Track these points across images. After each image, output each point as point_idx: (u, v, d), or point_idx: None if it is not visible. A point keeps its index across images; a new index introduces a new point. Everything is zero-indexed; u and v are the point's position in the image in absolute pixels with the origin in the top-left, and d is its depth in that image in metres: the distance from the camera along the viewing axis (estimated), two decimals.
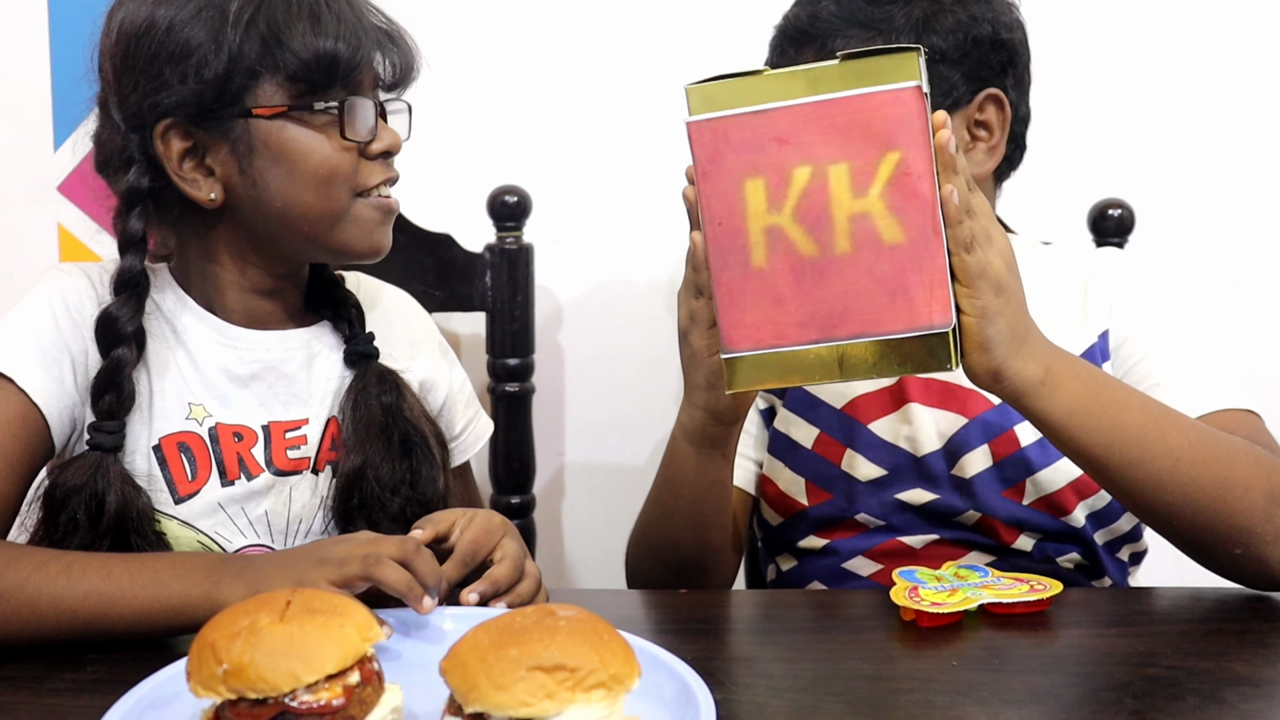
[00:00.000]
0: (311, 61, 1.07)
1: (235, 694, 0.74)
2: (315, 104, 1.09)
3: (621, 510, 1.81)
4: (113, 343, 1.10)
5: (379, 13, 1.15)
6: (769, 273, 0.95)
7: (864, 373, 0.95)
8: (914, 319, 0.93)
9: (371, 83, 1.13)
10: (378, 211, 1.13)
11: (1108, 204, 1.57)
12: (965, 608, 1.01)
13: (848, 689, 0.92)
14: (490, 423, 1.36)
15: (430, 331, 1.32)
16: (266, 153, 1.09)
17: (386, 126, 1.14)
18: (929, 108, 0.92)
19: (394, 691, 0.80)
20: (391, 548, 0.96)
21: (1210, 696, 0.89)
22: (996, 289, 0.96)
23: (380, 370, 1.19)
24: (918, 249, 0.92)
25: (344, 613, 0.78)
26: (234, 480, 1.14)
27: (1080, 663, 0.95)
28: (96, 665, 0.95)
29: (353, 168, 1.11)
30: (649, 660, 0.82)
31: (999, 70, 1.26)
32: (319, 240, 1.13)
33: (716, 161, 0.96)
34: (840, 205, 0.93)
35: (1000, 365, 0.98)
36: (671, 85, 1.74)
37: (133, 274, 1.11)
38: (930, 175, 0.92)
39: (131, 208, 1.12)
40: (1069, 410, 1.02)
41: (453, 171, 1.74)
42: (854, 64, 0.93)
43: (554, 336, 1.80)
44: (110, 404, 1.09)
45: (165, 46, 1.07)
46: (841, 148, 0.93)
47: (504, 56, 1.77)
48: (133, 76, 1.09)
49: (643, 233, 1.78)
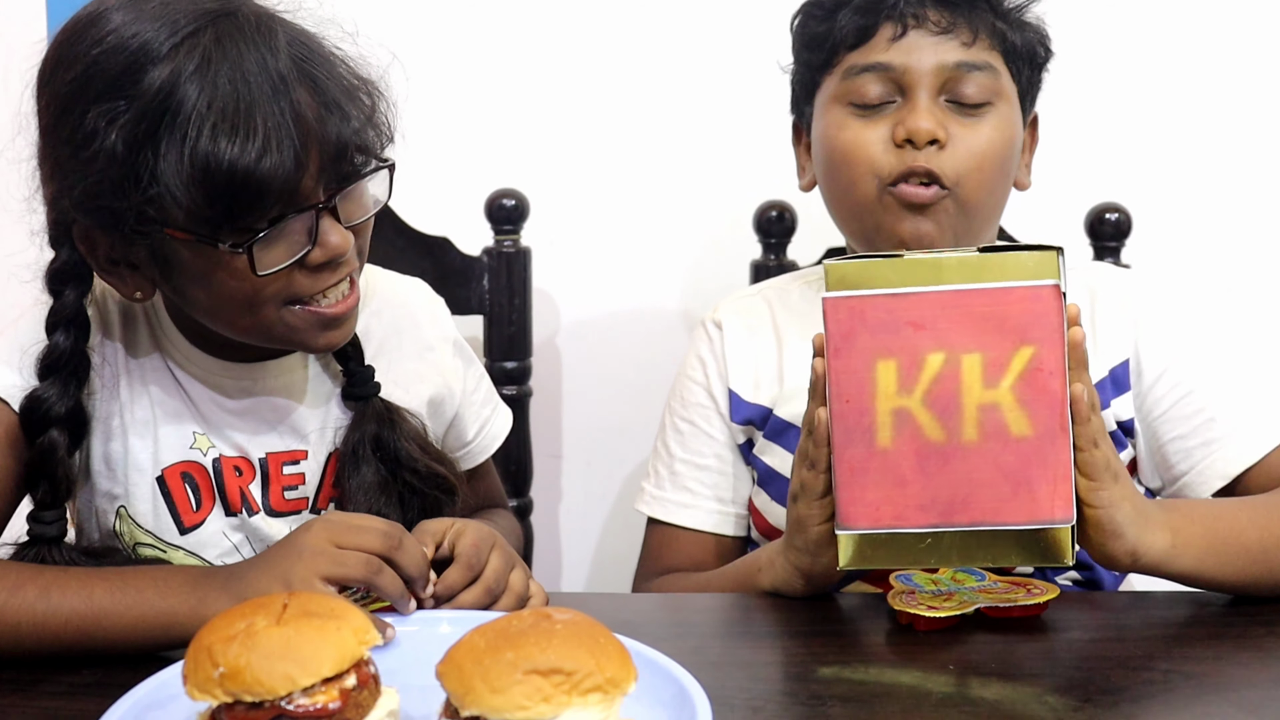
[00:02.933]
0: (202, 200, 0.93)
1: (231, 697, 0.74)
2: (219, 243, 0.96)
3: (619, 513, 1.82)
4: (41, 427, 1.02)
5: (333, 77, 1.01)
6: (893, 454, 0.96)
7: (979, 561, 0.97)
8: (1035, 512, 0.94)
9: (315, 176, 0.98)
10: (313, 318, 1.03)
11: (1105, 208, 1.57)
12: (962, 611, 1.01)
13: (845, 692, 0.92)
14: (509, 415, 1.33)
15: (444, 331, 1.25)
16: (185, 271, 1.00)
17: (331, 230, 1.00)
18: (1065, 307, 0.93)
19: (390, 695, 0.80)
20: (375, 540, 0.95)
21: (1205, 701, 0.89)
22: (1115, 477, 0.97)
23: (380, 411, 1.14)
24: (1044, 444, 0.93)
25: (340, 616, 0.78)
26: (237, 512, 1.12)
27: (1076, 666, 0.95)
28: (92, 669, 0.95)
29: (281, 286, 1.00)
30: (645, 663, 0.82)
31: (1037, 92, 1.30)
32: (255, 342, 1.07)
33: (850, 340, 0.96)
34: (971, 394, 0.94)
35: (1135, 546, 0.99)
36: (670, 88, 1.76)
37: (57, 353, 1.03)
38: (1062, 373, 0.93)
39: (62, 286, 1.04)
40: (1201, 559, 1.03)
41: (450, 175, 1.74)
42: (995, 257, 0.95)
43: (551, 340, 1.80)
44: (45, 496, 1.03)
45: (71, 136, 0.96)
46: (976, 338, 0.94)
47: (502, 60, 1.77)
48: (49, 158, 1.00)
49: (640, 236, 1.79)
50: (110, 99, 0.95)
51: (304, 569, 0.93)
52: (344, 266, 1.03)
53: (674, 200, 1.78)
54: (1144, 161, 1.73)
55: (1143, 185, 1.70)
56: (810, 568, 1.06)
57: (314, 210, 0.99)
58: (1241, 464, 1.16)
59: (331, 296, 1.04)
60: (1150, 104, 1.73)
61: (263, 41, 0.97)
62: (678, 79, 1.76)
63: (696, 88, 1.76)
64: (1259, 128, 1.73)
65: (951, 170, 1.20)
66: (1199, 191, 1.74)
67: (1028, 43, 1.26)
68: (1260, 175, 1.73)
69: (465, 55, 1.76)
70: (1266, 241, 1.75)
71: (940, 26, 1.22)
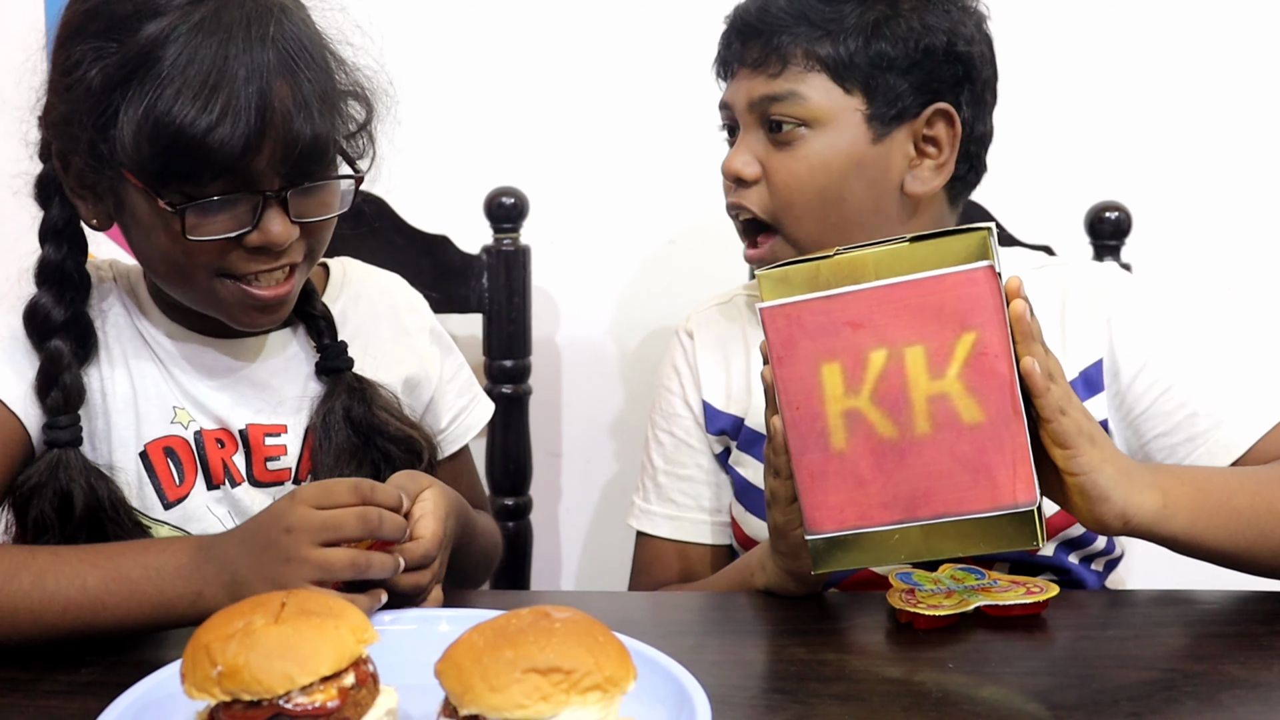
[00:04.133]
0: (148, 154, 0.98)
1: (230, 696, 0.74)
2: (158, 199, 1.00)
3: (618, 511, 1.81)
4: (44, 335, 1.08)
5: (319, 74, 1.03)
6: (850, 455, 0.95)
7: (949, 551, 0.96)
8: (997, 498, 0.93)
9: (269, 164, 1.01)
10: (243, 296, 1.06)
11: (1105, 206, 1.57)
12: (961, 610, 1.01)
13: (844, 691, 0.92)
14: (489, 406, 1.34)
15: (421, 319, 1.29)
16: (131, 214, 1.05)
17: (275, 219, 1.02)
18: (1003, 287, 0.92)
19: (389, 693, 0.80)
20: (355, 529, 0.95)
21: (1206, 699, 0.89)
22: (1091, 440, 0.96)
23: (351, 383, 1.17)
24: (998, 428, 0.93)
25: (339, 614, 0.78)
26: (219, 484, 1.14)
27: (1076, 665, 0.95)
28: (91, 667, 0.95)
29: (213, 254, 1.03)
30: (644, 662, 0.82)
31: (952, 84, 1.21)
32: (188, 303, 1.11)
33: (791, 346, 0.96)
34: (918, 387, 0.93)
35: (1124, 508, 0.98)
36: (669, 87, 1.75)
37: (50, 263, 1.09)
38: (1008, 354, 0.92)
39: (48, 198, 1.10)
40: (1193, 520, 1.02)
41: (449, 173, 1.74)
42: (924, 245, 0.93)
43: (550, 338, 1.80)
44: (56, 401, 1.07)
45: (64, 63, 1.02)
46: (917, 330, 0.93)
47: (501, 58, 1.77)
48: (48, 78, 1.06)
49: (639, 234, 1.79)
50: (105, 38, 1.00)
51: (292, 575, 0.93)
52: (284, 256, 1.06)
53: (673, 199, 1.78)
54: (1144, 160, 1.73)
55: (1143, 184, 1.70)
56: (798, 570, 1.07)
57: (262, 196, 1.02)
58: (1228, 458, 1.14)
59: (264, 281, 1.06)
60: (1150, 102, 1.73)
61: (256, 27, 1.00)
62: (677, 77, 1.75)
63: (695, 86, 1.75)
64: (1258, 126, 1.73)
65: (761, 206, 1.22)
66: (1199, 190, 1.74)
67: (872, 51, 1.18)
68: (1260, 173, 1.73)
69: (464, 53, 1.76)
70: (1266, 239, 1.75)
71: (752, 59, 1.22)
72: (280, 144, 1.00)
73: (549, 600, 1.06)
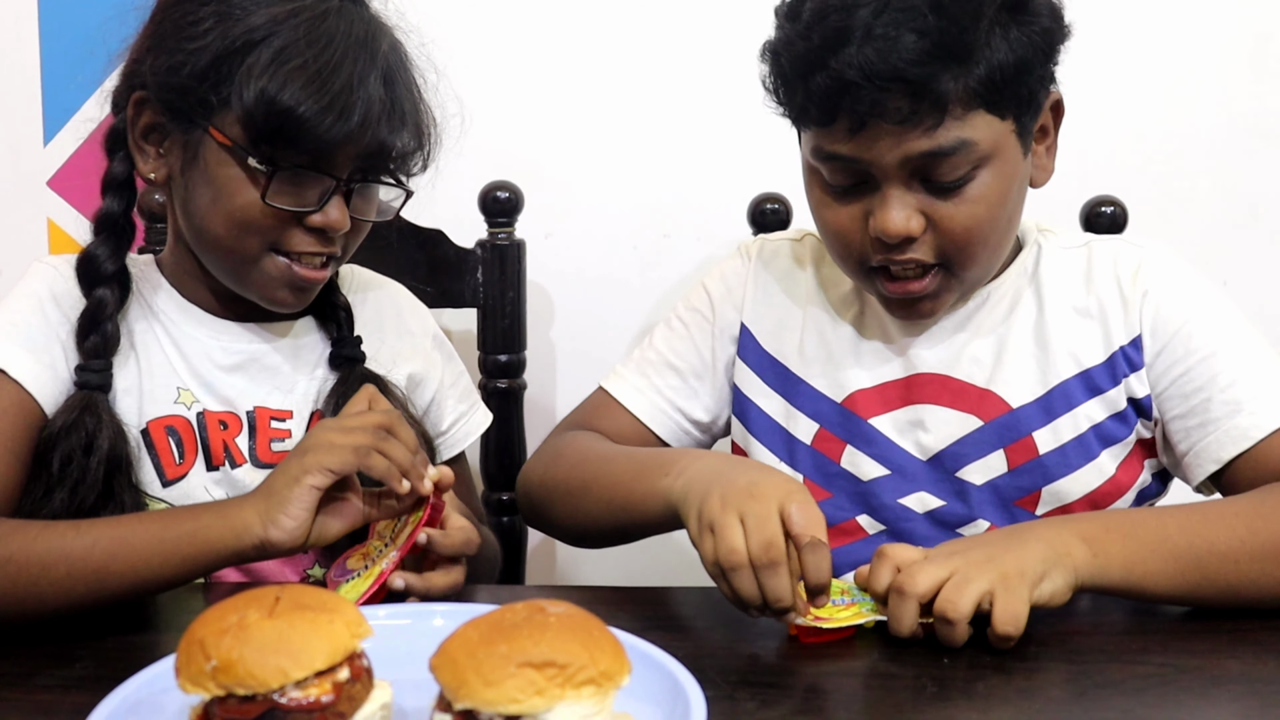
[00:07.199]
0: (260, 117, 1.06)
1: (224, 690, 0.74)
2: (249, 159, 1.08)
3: None
4: (93, 282, 1.13)
5: (409, 94, 1.14)
6: None
7: None
8: None
9: (350, 158, 1.11)
10: (287, 272, 1.13)
11: (1100, 201, 1.57)
12: (856, 622, 0.98)
13: (839, 686, 0.92)
14: (488, 416, 1.37)
15: (424, 324, 1.33)
16: (204, 171, 1.10)
17: (337, 206, 1.12)
18: None
19: (383, 688, 0.80)
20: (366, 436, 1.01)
21: (1201, 694, 0.90)
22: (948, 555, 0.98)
23: (364, 375, 1.20)
24: None
25: (333, 609, 0.78)
26: (219, 465, 1.16)
27: (1071, 660, 0.95)
28: (85, 662, 0.95)
29: (274, 225, 1.11)
30: (640, 657, 0.82)
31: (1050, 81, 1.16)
32: (224, 274, 1.15)
33: None
34: None
35: (1053, 592, 0.98)
36: (664, 81, 1.75)
37: (111, 214, 1.14)
38: None
39: (115, 150, 1.15)
40: (1128, 567, 1.01)
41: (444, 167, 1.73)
42: None
43: (545, 332, 1.80)
44: (95, 344, 1.12)
45: (181, 19, 1.09)
46: None
47: (495, 51, 1.76)
48: (148, 32, 1.12)
49: (635, 228, 1.78)
50: (235, 5, 1.08)
51: (312, 462, 0.99)
52: (331, 244, 1.13)
53: (668, 192, 1.78)
54: (1139, 154, 1.73)
55: (1138, 178, 1.70)
56: None
57: (336, 182, 1.10)
58: (1235, 448, 1.14)
59: (308, 262, 1.13)
60: (1146, 97, 1.73)
61: (372, 34, 1.12)
62: (672, 71, 1.75)
63: (691, 80, 1.75)
64: (1253, 121, 1.73)
65: (935, 254, 1.14)
66: (1194, 185, 1.74)
67: (1013, 64, 1.08)
68: (1254, 168, 1.73)
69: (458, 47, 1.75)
70: (1261, 234, 1.75)
71: (901, 115, 1.06)
72: (366, 142, 1.10)
73: (544, 595, 1.05)
